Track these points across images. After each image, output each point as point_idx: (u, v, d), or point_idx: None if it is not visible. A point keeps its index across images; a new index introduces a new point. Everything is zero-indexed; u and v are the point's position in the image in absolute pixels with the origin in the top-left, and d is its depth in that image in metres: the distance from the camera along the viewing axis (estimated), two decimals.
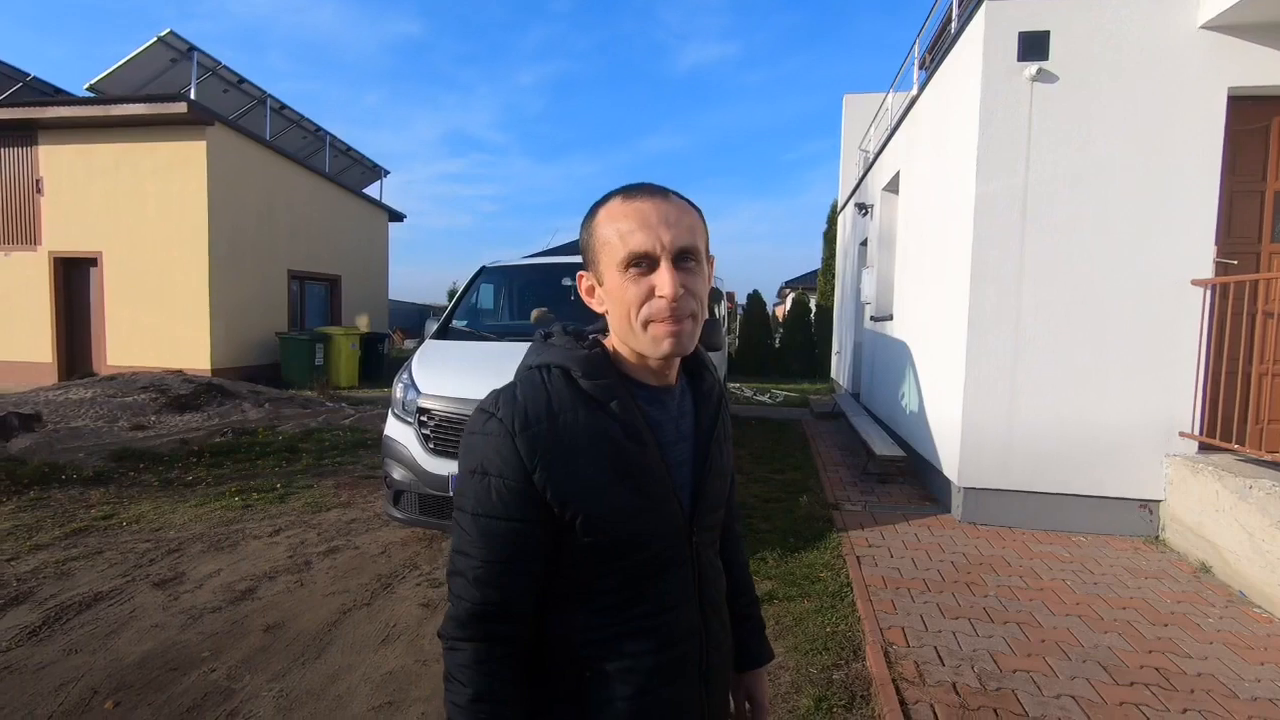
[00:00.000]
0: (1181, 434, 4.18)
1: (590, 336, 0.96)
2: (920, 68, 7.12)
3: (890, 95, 8.79)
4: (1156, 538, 4.27)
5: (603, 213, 0.88)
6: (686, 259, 0.85)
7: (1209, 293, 4.14)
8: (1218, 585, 3.59)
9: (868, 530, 4.40)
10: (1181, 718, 2.40)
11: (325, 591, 3.48)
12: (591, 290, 0.92)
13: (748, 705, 1.15)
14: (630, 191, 0.87)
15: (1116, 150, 4.24)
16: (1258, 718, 2.40)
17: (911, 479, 5.73)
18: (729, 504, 1.11)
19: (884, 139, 8.24)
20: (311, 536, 4.28)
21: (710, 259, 0.92)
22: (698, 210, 0.90)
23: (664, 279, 0.82)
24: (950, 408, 4.77)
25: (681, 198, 0.89)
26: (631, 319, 0.85)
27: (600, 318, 0.97)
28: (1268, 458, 3.75)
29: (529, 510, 0.84)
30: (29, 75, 12.84)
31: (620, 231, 0.84)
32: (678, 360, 0.94)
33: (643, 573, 0.89)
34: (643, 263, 0.83)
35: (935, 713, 2.41)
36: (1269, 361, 4.20)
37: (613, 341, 0.93)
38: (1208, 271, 4.17)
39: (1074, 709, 2.44)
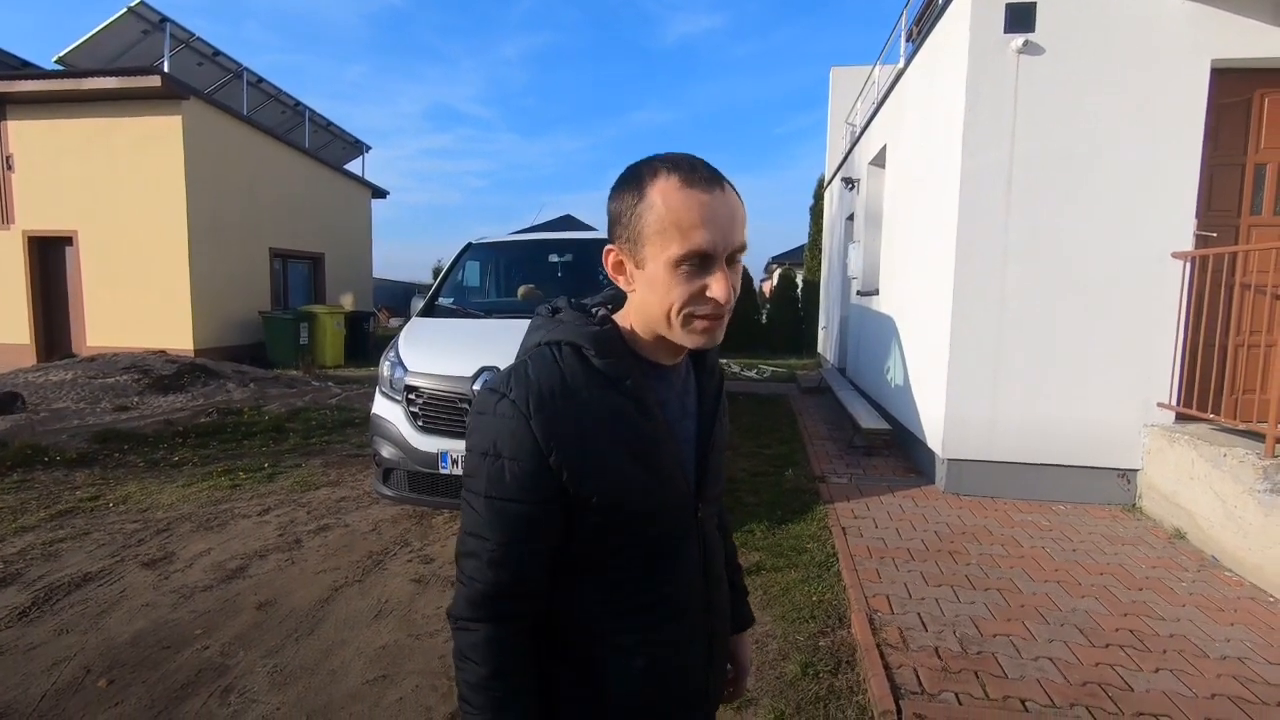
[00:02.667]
0: (1159, 404, 4.26)
1: (597, 311, 0.92)
2: (908, 40, 7.07)
3: (877, 68, 8.72)
4: (1134, 506, 4.37)
5: (655, 192, 0.79)
6: (735, 256, 0.81)
7: (1188, 265, 4.20)
8: (1191, 551, 3.69)
9: (853, 502, 4.47)
10: (1154, 677, 2.48)
11: (316, 569, 3.50)
12: (622, 266, 0.85)
13: (730, 666, 1.17)
14: (688, 175, 0.79)
15: (1101, 123, 4.25)
16: (1226, 675, 2.50)
17: (896, 451, 5.81)
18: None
19: (871, 113, 8.19)
20: (301, 515, 4.28)
21: None
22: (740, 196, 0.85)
23: (720, 283, 0.79)
24: (935, 380, 4.82)
25: (731, 185, 0.82)
26: (672, 314, 0.81)
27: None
28: (1242, 427, 3.83)
29: (544, 491, 0.82)
30: None
31: (680, 225, 0.77)
32: None
33: (652, 547, 0.89)
34: (697, 260, 0.78)
35: (918, 676, 2.48)
36: (1245, 333, 4.28)
37: (627, 319, 0.89)
38: (1188, 244, 4.22)
39: (1051, 670, 2.52)
